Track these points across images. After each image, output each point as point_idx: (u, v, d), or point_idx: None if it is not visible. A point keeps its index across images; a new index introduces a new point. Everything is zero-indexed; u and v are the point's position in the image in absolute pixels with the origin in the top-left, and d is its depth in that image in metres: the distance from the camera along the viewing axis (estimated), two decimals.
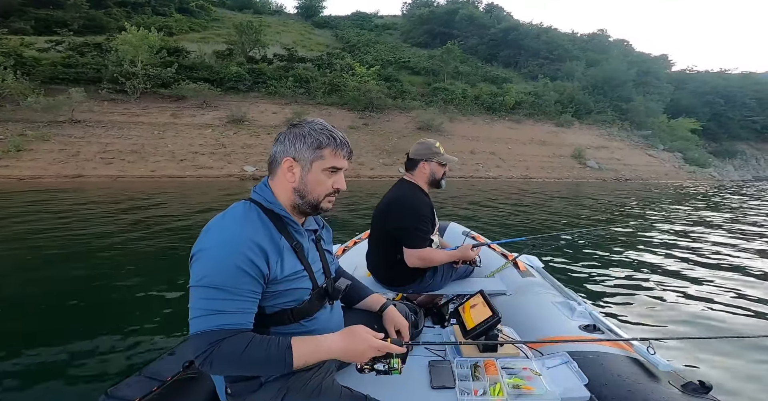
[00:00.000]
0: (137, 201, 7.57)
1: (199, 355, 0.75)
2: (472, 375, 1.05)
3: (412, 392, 1.00)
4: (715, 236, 5.64)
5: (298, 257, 0.88)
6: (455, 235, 2.44)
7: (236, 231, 0.80)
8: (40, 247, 3.87)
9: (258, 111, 18.50)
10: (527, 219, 6.87)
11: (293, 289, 0.86)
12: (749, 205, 10.49)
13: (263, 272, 0.79)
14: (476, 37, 37.62)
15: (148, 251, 3.91)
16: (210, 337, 0.75)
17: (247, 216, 0.85)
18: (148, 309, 2.49)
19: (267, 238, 0.82)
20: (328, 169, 0.88)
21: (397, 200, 1.64)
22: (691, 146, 30.30)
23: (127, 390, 0.96)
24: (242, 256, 0.77)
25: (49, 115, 13.45)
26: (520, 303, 1.59)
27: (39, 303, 2.54)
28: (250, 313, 0.80)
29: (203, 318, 0.76)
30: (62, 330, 2.21)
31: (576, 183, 18.72)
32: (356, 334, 0.83)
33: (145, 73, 16.57)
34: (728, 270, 3.84)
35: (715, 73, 44.09)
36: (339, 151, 0.88)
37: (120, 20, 21.79)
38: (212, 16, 33.04)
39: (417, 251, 1.58)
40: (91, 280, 3.06)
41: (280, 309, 0.86)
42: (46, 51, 18.00)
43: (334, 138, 0.87)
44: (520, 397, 0.98)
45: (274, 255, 0.82)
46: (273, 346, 0.77)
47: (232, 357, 0.75)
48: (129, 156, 12.98)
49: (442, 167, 1.69)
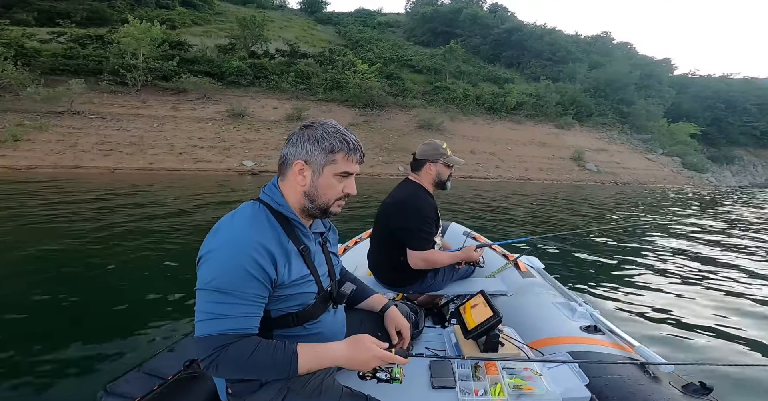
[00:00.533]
0: (133, 194, 7.54)
1: (205, 359, 0.75)
2: (472, 376, 1.05)
3: (413, 392, 0.99)
4: (715, 238, 5.66)
5: (306, 262, 0.87)
6: (456, 236, 2.43)
7: (244, 233, 0.79)
8: (38, 241, 3.85)
9: (259, 106, 18.44)
10: (529, 220, 6.88)
11: (299, 294, 0.86)
12: (750, 212, 10.52)
13: (270, 276, 0.79)
14: (479, 36, 37.56)
15: (146, 245, 3.89)
16: (216, 342, 0.75)
17: (255, 217, 0.83)
18: (146, 304, 2.47)
19: (275, 241, 0.81)
20: (340, 174, 0.86)
21: (401, 201, 1.62)
22: (690, 151, 30.42)
23: (126, 386, 0.96)
24: (250, 259, 0.76)
25: (48, 105, 13.38)
26: (520, 304, 1.59)
27: (36, 299, 2.52)
28: (256, 317, 0.80)
29: (209, 322, 0.75)
30: (59, 325, 2.19)
31: (575, 185, 18.76)
32: (361, 344, 0.83)
33: (147, 66, 16.48)
34: (729, 270, 3.85)
35: (718, 77, 44.23)
36: (352, 156, 0.86)
37: (123, 13, 21.67)
38: (215, 9, 32.88)
39: (421, 253, 1.56)
40: (88, 275, 3.03)
41: (285, 313, 0.86)
42: (47, 42, 17.89)
43: (347, 142, 0.85)
44: (521, 397, 0.98)
45: (282, 259, 0.81)
46: (279, 352, 0.77)
47: (238, 362, 0.75)
48: (127, 148, 12.92)
49: (448, 169, 1.67)
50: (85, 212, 5.41)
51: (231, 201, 6.99)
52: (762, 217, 9.18)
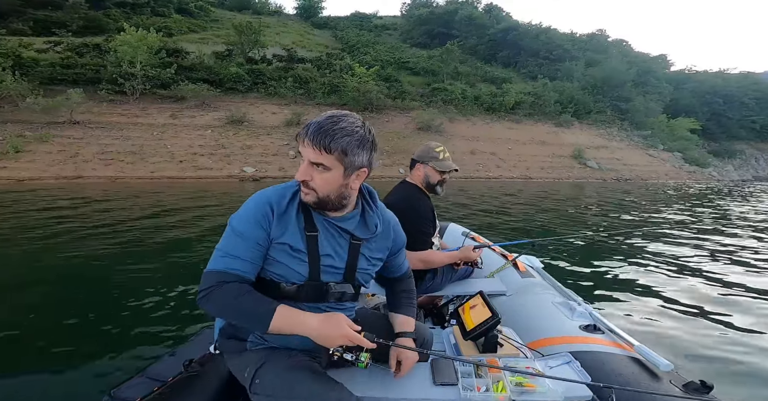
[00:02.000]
0: (134, 202, 7.56)
1: (203, 289, 0.84)
2: (474, 373, 1.05)
3: (415, 388, 1.00)
4: (715, 237, 5.64)
5: (306, 241, 0.90)
6: (455, 236, 2.42)
7: (266, 192, 0.92)
8: (40, 247, 3.86)
9: (257, 111, 18.52)
10: (529, 220, 6.86)
11: (283, 264, 0.90)
12: (759, 207, 10.44)
13: (270, 227, 0.88)
14: (475, 37, 37.69)
15: (149, 251, 3.90)
16: (216, 277, 0.85)
17: (286, 187, 0.93)
18: (150, 310, 2.48)
19: (284, 206, 0.90)
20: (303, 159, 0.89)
21: (397, 202, 1.62)
22: (691, 146, 30.36)
23: (130, 392, 0.98)
24: (258, 209, 0.88)
25: (47, 116, 13.45)
26: (520, 304, 1.58)
27: (40, 305, 2.53)
28: (255, 264, 0.88)
29: (216, 259, 0.87)
30: (64, 331, 2.20)
31: (576, 183, 18.73)
32: (334, 320, 0.85)
33: (144, 74, 16.58)
34: (730, 269, 3.83)
35: (714, 72, 44.16)
36: (300, 138, 0.85)
37: (119, 21, 21.78)
38: (211, 16, 33.10)
39: (418, 253, 1.56)
40: (91, 280, 3.04)
41: (269, 279, 0.92)
42: (44, 52, 18.01)
43: (303, 128, 0.86)
44: (523, 394, 0.98)
45: (282, 220, 0.89)
46: (261, 305, 0.84)
47: (226, 301, 0.83)
48: (128, 157, 12.98)
49: (438, 173, 1.66)
50: (86, 220, 5.43)
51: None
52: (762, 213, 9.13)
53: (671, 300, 2.92)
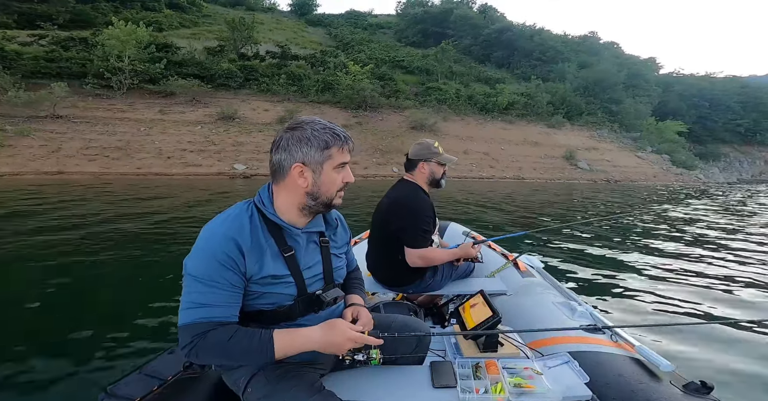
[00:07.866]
0: (126, 198, 7.39)
1: (185, 346, 0.79)
2: (473, 375, 1.05)
3: (414, 391, 1.00)
4: (714, 236, 5.70)
5: (286, 263, 0.87)
6: (455, 235, 2.43)
7: (218, 226, 0.84)
8: (37, 245, 3.75)
9: (249, 108, 18.28)
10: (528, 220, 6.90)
11: (271, 293, 0.87)
12: (753, 207, 10.64)
13: (240, 267, 0.82)
14: (470, 37, 37.87)
15: (145, 247, 3.83)
16: (194, 329, 0.79)
17: (238, 215, 0.87)
18: (146, 308, 2.45)
19: (249, 237, 0.83)
20: (338, 166, 0.89)
21: (398, 200, 1.64)
22: (678, 148, 30.98)
23: (127, 388, 0.97)
24: (219, 250, 0.80)
25: (29, 109, 13.07)
26: (520, 304, 1.58)
27: (36, 303, 2.49)
28: (233, 306, 0.83)
29: (187, 311, 0.80)
30: (60, 327, 2.19)
31: (568, 184, 18.96)
32: (335, 327, 0.85)
33: (133, 69, 16.21)
34: (732, 268, 3.86)
35: (701, 76, 45.22)
36: (344, 147, 0.89)
37: (107, 15, 21.31)
38: (203, 12, 32.57)
39: (418, 250, 1.57)
40: (88, 277, 3.01)
41: (257, 310, 0.88)
42: (28, 45, 17.49)
43: (337, 135, 0.87)
44: (522, 395, 0.98)
45: (254, 253, 0.83)
46: (255, 339, 0.81)
47: (217, 349, 0.79)
48: (113, 152, 12.69)
49: (441, 167, 1.70)
50: (79, 216, 5.29)
51: (228, 205, 6.90)
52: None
53: (673, 300, 2.94)
